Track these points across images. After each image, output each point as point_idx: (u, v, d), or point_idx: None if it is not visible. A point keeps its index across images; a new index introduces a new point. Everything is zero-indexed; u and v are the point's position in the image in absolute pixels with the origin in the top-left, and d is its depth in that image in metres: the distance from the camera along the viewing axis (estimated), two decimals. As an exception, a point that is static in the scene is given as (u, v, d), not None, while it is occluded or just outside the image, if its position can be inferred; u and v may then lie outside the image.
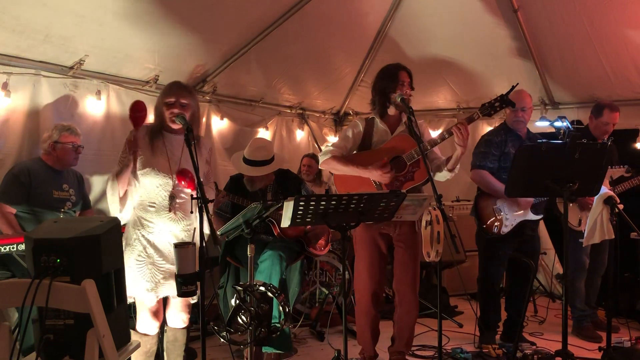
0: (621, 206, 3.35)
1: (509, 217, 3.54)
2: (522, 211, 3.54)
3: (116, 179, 2.59)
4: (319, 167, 3.30)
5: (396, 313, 3.21)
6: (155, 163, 2.67)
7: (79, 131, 3.45)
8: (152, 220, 2.69)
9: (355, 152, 3.25)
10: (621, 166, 3.82)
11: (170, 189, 2.69)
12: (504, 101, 2.99)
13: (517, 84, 3.21)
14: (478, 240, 3.77)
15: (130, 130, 2.63)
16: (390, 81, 3.18)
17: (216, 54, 4.47)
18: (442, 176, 3.19)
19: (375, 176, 3.07)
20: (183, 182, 2.58)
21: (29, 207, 3.22)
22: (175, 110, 2.65)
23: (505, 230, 3.53)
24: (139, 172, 2.66)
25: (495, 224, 3.54)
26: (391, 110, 3.21)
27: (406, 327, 3.20)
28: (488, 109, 3.01)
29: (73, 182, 3.49)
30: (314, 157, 5.25)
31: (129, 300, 2.68)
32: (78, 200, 3.49)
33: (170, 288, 2.67)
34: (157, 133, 2.71)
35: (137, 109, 2.59)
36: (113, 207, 2.65)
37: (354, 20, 4.79)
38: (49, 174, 3.34)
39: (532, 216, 3.56)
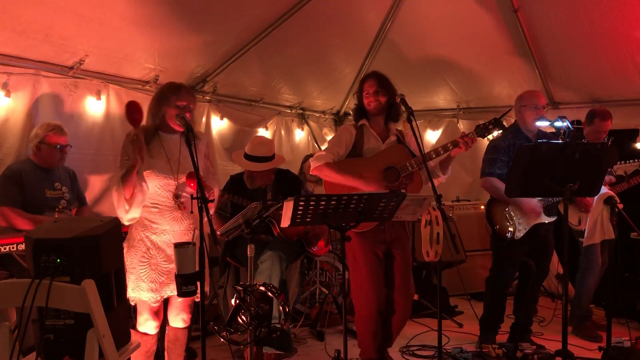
0: (620, 206, 3.35)
1: (522, 221, 3.52)
2: (535, 216, 3.52)
3: (122, 183, 2.54)
4: (311, 173, 3.28)
5: (392, 316, 3.21)
6: (155, 164, 2.66)
7: (65, 130, 3.36)
8: (156, 221, 2.69)
9: (346, 159, 3.20)
10: (635, 160, 3.84)
11: (173, 189, 2.69)
12: (498, 124, 3.03)
13: (511, 109, 3.27)
14: (492, 242, 3.75)
15: (127, 133, 2.62)
16: (359, 91, 3.21)
17: (216, 53, 4.46)
18: (436, 181, 3.19)
19: (367, 190, 3.03)
20: (192, 184, 2.57)
21: (25, 209, 3.17)
22: (188, 115, 2.65)
23: (519, 235, 3.51)
24: (139, 175, 2.62)
25: (509, 229, 3.53)
26: (379, 118, 3.20)
27: (395, 329, 3.24)
28: (482, 131, 3.05)
29: (65, 180, 3.43)
30: None
31: (132, 304, 2.69)
32: (72, 198, 3.44)
33: (173, 288, 2.67)
34: (154, 134, 2.70)
35: (135, 110, 2.58)
36: (120, 211, 2.59)
37: (354, 20, 4.78)
38: (39, 174, 3.28)
39: (545, 218, 3.53)
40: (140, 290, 2.66)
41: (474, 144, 3.02)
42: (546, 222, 3.54)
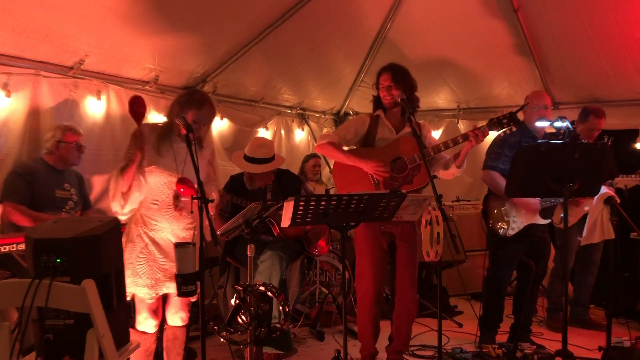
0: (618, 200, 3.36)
1: (516, 220, 3.51)
2: (530, 216, 3.53)
3: (121, 174, 2.58)
4: (314, 150, 3.30)
5: (395, 311, 3.21)
6: (161, 162, 2.68)
7: (81, 131, 3.49)
8: (155, 218, 2.70)
9: (356, 147, 3.24)
10: (637, 174, 3.85)
11: (174, 188, 2.69)
12: (512, 119, 2.97)
13: (527, 104, 3.34)
14: (488, 241, 3.75)
15: (134, 130, 2.64)
16: (376, 83, 3.22)
17: (216, 54, 4.46)
18: (449, 174, 3.19)
19: (369, 168, 3.05)
20: (182, 190, 2.59)
21: (33, 207, 3.21)
22: (201, 133, 2.72)
23: (511, 232, 3.50)
24: (144, 170, 2.66)
25: (502, 226, 3.53)
26: (395, 110, 3.21)
27: (404, 324, 3.21)
28: (496, 125, 2.99)
29: (74, 182, 3.50)
30: (319, 156, 5.26)
31: (128, 298, 2.69)
32: (79, 200, 3.50)
33: (170, 286, 2.68)
34: (166, 135, 2.72)
35: (138, 105, 2.59)
36: (115, 203, 2.64)
37: (354, 20, 4.78)
38: (50, 173, 3.35)
39: (540, 220, 3.52)
40: (137, 286, 2.66)
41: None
42: (541, 223, 3.54)
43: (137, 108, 2.58)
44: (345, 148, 3.25)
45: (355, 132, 3.20)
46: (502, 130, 3.20)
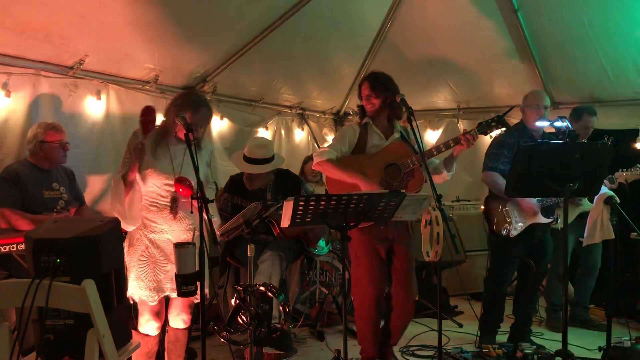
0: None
1: (519, 220, 3.52)
2: (531, 215, 3.53)
3: (121, 182, 2.59)
4: (312, 168, 3.31)
5: (392, 313, 3.22)
6: (158, 164, 2.69)
7: (63, 128, 3.35)
8: (155, 220, 2.71)
9: (349, 155, 3.23)
10: (637, 167, 3.84)
11: (173, 190, 2.69)
12: (501, 122, 3.02)
13: (513, 107, 3.37)
14: (489, 241, 3.75)
15: (134, 132, 2.64)
16: (359, 94, 3.24)
17: (216, 54, 4.46)
18: (440, 178, 3.20)
19: (367, 188, 3.06)
20: (181, 190, 2.59)
21: (23, 210, 3.15)
22: (198, 134, 2.72)
23: (514, 233, 3.51)
24: (141, 173, 2.67)
25: (505, 226, 3.53)
26: (382, 117, 3.22)
27: (399, 327, 3.23)
28: (485, 128, 3.05)
29: (63, 180, 3.41)
30: None
31: (130, 302, 2.69)
32: (70, 199, 3.42)
33: (171, 287, 2.68)
34: (163, 138, 2.72)
35: (148, 113, 2.59)
36: (124, 224, 2.61)
37: (354, 20, 4.79)
38: (37, 174, 3.25)
39: (543, 219, 3.52)
40: (139, 288, 2.67)
41: (475, 143, 3.03)
42: (543, 222, 3.54)
43: (146, 117, 2.58)
44: None
45: (349, 144, 3.21)
46: (499, 131, 3.20)
